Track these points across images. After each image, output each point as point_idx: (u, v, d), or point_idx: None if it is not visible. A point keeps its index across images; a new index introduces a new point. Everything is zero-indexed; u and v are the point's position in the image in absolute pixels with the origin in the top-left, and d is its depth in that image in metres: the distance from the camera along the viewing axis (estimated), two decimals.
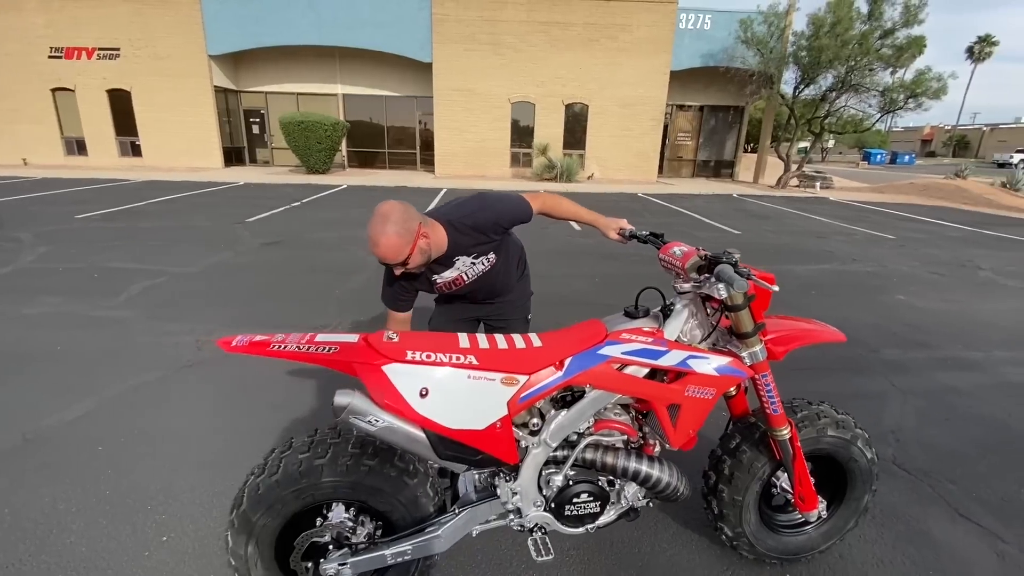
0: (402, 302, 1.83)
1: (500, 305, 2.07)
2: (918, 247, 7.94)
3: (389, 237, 1.47)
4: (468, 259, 1.77)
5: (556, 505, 1.49)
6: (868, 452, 1.69)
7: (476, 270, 1.82)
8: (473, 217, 1.70)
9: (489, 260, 1.82)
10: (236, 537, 1.35)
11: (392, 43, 16.09)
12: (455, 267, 1.77)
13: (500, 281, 1.94)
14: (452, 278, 1.80)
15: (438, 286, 1.82)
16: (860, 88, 14.52)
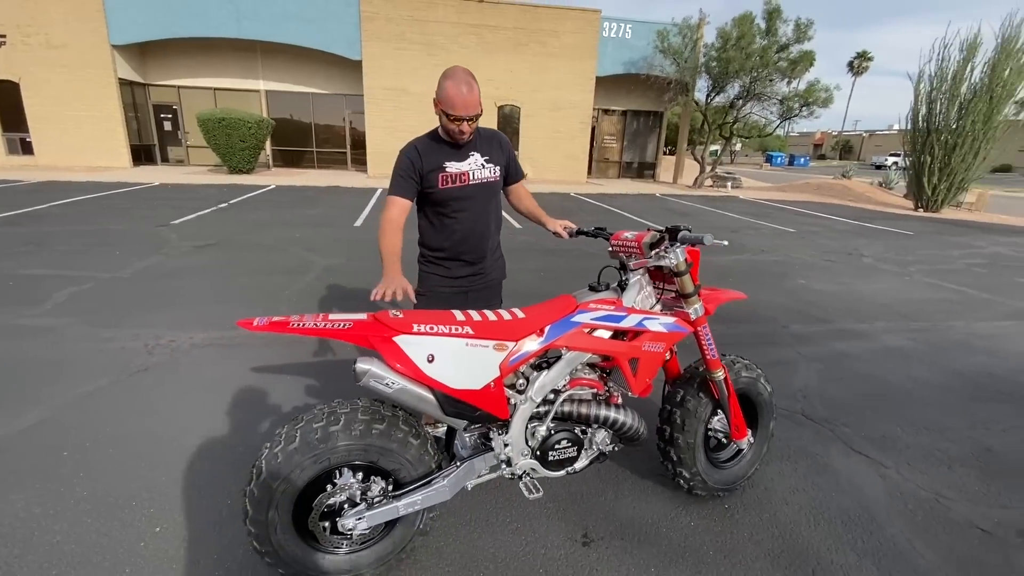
0: (410, 190, 1.94)
1: (484, 263, 2.14)
2: (814, 239, 9.01)
3: (475, 88, 1.78)
4: (481, 158, 1.98)
5: (541, 453, 1.74)
6: (768, 387, 2.18)
7: (482, 174, 1.98)
8: (494, 132, 2.07)
9: (494, 172, 2.01)
10: (256, 505, 1.47)
11: (318, 39, 15.62)
12: (468, 161, 1.95)
13: (491, 216, 2.09)
14: (460, 172, 1.94)
15: (443, 176, 1.92)
16: (762, 97, 16.06)
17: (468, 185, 1.97)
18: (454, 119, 1.79)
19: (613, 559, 1.84)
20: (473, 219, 2.03)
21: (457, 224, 2.02)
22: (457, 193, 1.97)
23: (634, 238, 1.82)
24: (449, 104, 1.76)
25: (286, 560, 1.53)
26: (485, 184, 2.01)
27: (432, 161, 1.91)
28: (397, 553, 1.68)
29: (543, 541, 1.91)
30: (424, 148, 1.92)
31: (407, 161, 1.91)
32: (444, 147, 1.93)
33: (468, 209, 2.01)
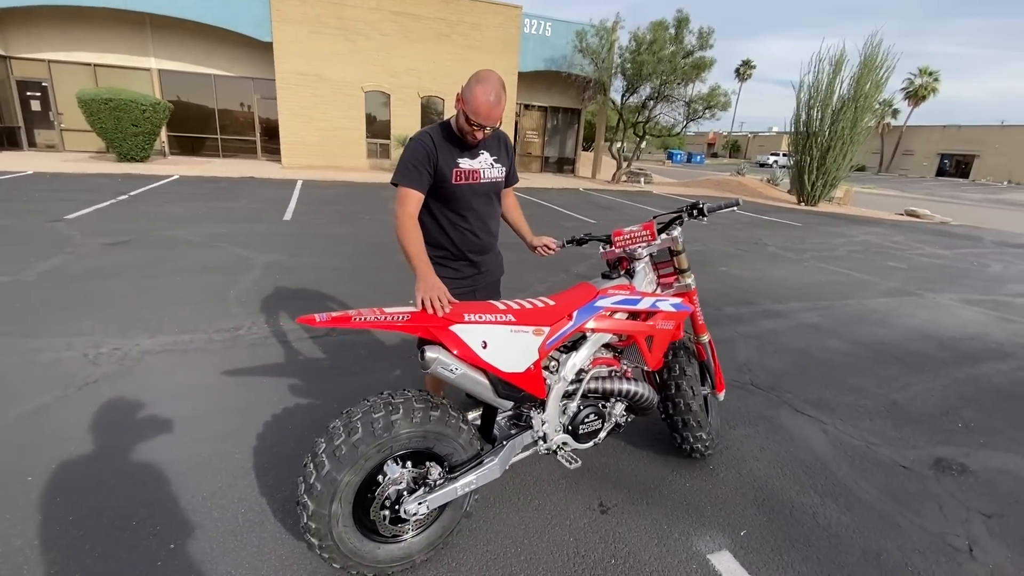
0: (424, 182, 1.88)
1: (487, 262, 2.16)
2: (724, 230, 9.97)
3: (502, 102, 1.76)
4: (490, 158, 1.98)
5: (572, 428, 1.90)
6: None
7: (491, 173, 1.99)
8: (501, 132, 2.04)
9: (501, 171, 2.02)
10: (319, 500, 1.47)
11: (220, 16, 14.34)
12: (479, 159, 1.95)
13: (498, 215, 2.13)
14: (471, 168, 1.93)
15: (456, 171, 1.90)
16: (670, 99, 17.29)
17: (480, 183, 1.96)
18: (475, 125, 1.77)
19: (630, 521, 2.05)
20: (483, 218, 2.03)
21: (466, 223, 2.00)
22: (469, 191, 1.95)
23: (642, 227, 2.03)
24: (474, 109, 1.73)
25: (345, 553, 1.55)
26: (494, 183, 2.01)
27: (447, 154, 1.87)
28: (446, 537, 1.75)
29: (565, 513, 2.07)
30: (439, 140, 1.87)
31: (422, 151, 1.84)
32: (456, 142, 1.90)
33: (479, 207, 1.99)
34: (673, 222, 2.10)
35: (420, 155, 1.84)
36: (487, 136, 1.85)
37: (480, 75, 1.74)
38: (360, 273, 5.27)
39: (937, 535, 2.10)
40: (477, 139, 1.83)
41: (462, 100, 1.77)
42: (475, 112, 1.73)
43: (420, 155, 1.84)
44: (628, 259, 2.15)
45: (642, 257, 2.12)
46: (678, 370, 2.26)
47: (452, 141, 1.89)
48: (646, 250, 2.10)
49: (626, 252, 2.14)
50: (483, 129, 1.78)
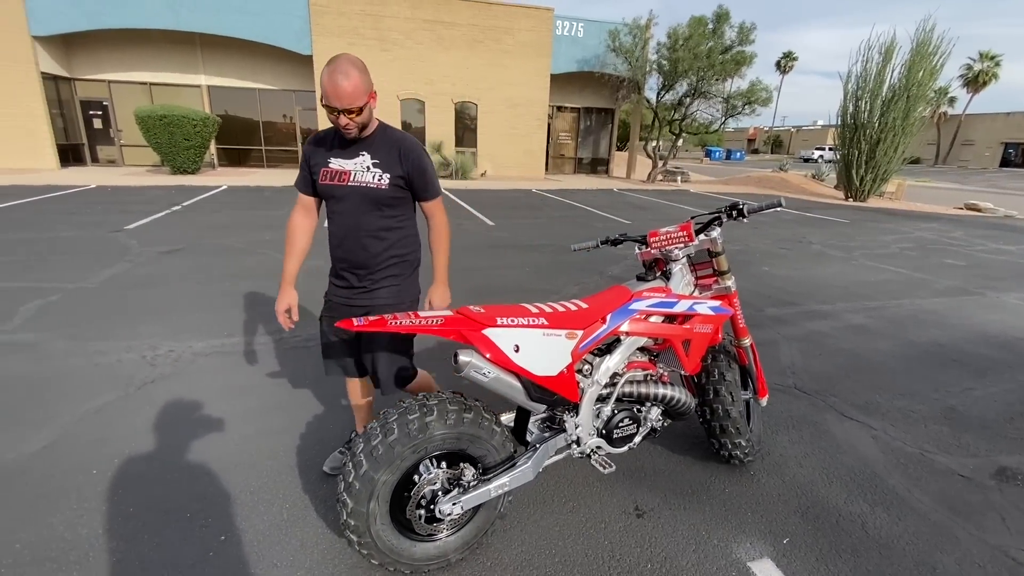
0: (307, 182, 1.86)
1: (370, 282, 1.91)
2: (766, 229, 9.65)
3: (353, 79, 1.59)
4: (370, 160, 1.78)
5: (606, 432, 1.88)
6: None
7: (365, 177, 1.78)
8: (405, 137, 1.84)
9: (379, 179, 1.78)
10: (357, 498, 1.52)
11: (265, 32, 14.99)
12: (354, 160, 1.78)
13: (370, 227, 1.84)
14: (342, 169, 1.78)
15: (323, 171, 1.80)
16: (708, 95, 16.89)
17: (343, 185, 1.79)
18: (329, 109, 1.65)
19: (667, 526, 2.01)
20: (346, 225, 1.85)
21: (333, 227, 1.89)
22: (330, 192, 1.82)
23: (679, 228, 1.99)
24: (324, 93, 1.62)
25: (382, 550, 1.59)
26: (364, 189, 1.78)
27: (321, 153, 1.82)
28: (480, 538, 1.77)
29: (600, 516, 2.06)
30: (321, 139, 1.84)
31: (303, 151, 1.89)
32: (338, 141, 1.80)
33: (341, 212, 1.84)
34: (712, 223, 2.06)
35: (303, 154, 1.89)
36: (356, 123, 1.68)
37: (332, 59, 1.62)
38: None
39: (999, 548, 1.97)
40: (349, 129, 1.68)
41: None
42: (325, 96, 1.62)
43: (303, 154, 1.89)
44: (664, 260, 2.12)
45: (679, 259, 2.08)
46: (717, 375, 2.21)
47: (335, 140, 1.80)
48: (683, 251, 2.06)
49: (662, 253, 2.10)
50: (341, 114, 1.63)
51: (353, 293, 1.94)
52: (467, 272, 5.67)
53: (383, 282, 1.93)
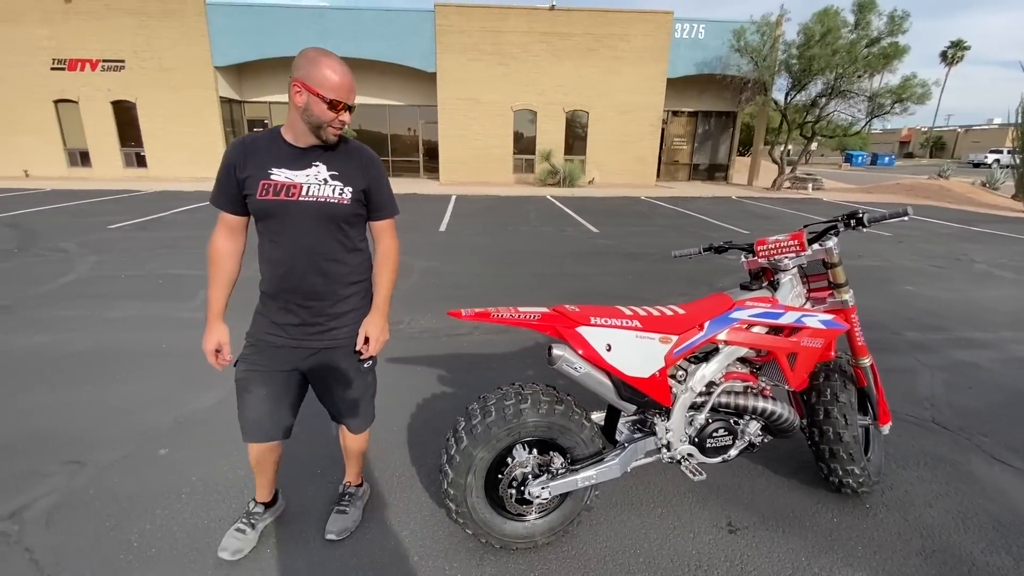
0: (232, 199, 1.53)
1: (326, 317, 1.64)
2: (914, 243, 8.48)
3: (349, 73, 1.45)
4: (326, 172, 1.53)
5: (699, 440, 1.87)
6: None
7: (322, 191, 1.51)
8: (362, 147, 1.63)
9: (340, 193, 1.53)
10: (457, 470, 1.69)
11: (396, 54, 16.46)
12: (306, 171, 1.51)
13: (329, 251, 1.58)
14: (290, 182, 1.49)
15: (264, 183, 1.48)
16: (848, 94, 15.23)
17: (294, 201, 1.49)
18: (334, 105, 1.43)
19: (762, 546, 1.93)
20: (297, 249, 1.54)
21: (276, 252, 1.55)
22: (275, 208, 1.49)
23: (790, 236, 1.92)
24: (334, 85, 1.40)
25: (476, 521, 1.75)
26: (321, 205, 1.51)
27: (258, 163, 1.48)
28: (566, 526, 1.86)
29: (689, 526, 2.04)
30: (253, 146, 1.51)
31: (226, 160, 1.50)
32: (282, 149, 1.51)
33: (289, 233, 1.52)
34: (827, 232, 1.94)
35: (223, 166, 1.51)
36: (333, 133, 1.49)
37: (311, 52, 1.43)
38: (499, 279, 5.65)
39: None
40: (339, 130, 1.50)
41: (306, 84, 1.41)
42: (336, 88, 1.41)
43: (223, 166, 1.51)
44: (773, 270, 2.04)
45: (788, 269, 1.99)
46: (829, 395, 2.06)
47: (278, 147, 1.51)
48: (793, 262, 1.97)
49: (770, 263, 2.03)
50: (347, 111, 1.47)
51: (306, 332, 1.62)
52: (567, 278, 5.77)
53: (345, 317, 1.66)
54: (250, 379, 1.65)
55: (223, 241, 1.59)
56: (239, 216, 1.57)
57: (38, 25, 15.83)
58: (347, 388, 1.74)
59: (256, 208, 1.51)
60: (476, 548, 1.88)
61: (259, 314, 1.67)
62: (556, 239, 8.14)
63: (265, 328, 1.65)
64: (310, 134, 1.48)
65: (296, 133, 1.50)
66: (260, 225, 1.55)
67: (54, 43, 16.02)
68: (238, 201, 1.53)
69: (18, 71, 16.08)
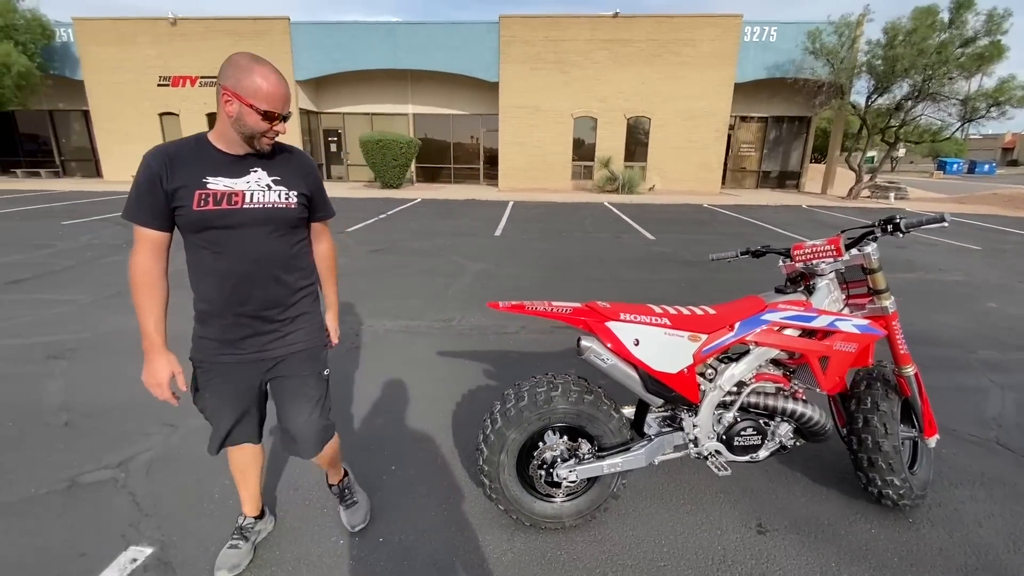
0: (158, 213, 1.39)
1: (283, 324, 1.57)
2: (1007, 258, 7.77)
3: (283, 81, 1.37)
4: (268, 178, 1.47)
5: (726, 438, 1.92)
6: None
7: (266, 198, 1.45)
8: (295, 149, 1.59)
9: (286, 198, 1.48)
10: (491, 448, 1.85)
11: (461, 65, 17.07)
12: (245, 178, 1.43)
13: (280, 257, 1.52)
14: (229, 190, 1.41)
15: (200, 194, 1.38)
16: (938, 97, 14.11)
17: (238, 210, 1.41)
18: (268, 115, 1.35)
19: (791, 549, 1.95)
20: (244, 259, 1.45)
21: (220, 264, 1.45)
22: (219, 220, 1.40)
23: (826, 242, 1.94)
24: (267, 94, 1.32)
25: (508, 498, 1.90)
26: (269, 211, 1.45)
27: (188, 172, 1.38)
28: (593, 511, 1.97)
29: (717, 524, 2.08)
30: (178, 154, 1.39)
31: (147, 171, 1.36)
32: (212, 155, 1.41)
33: (235, 243, 1.44)
34: (864, 237, 1.94)
35: (144, 178, 1.36)
36: (267, 141, 1.42)
37: (242, 59, 1.33)
38: (550, 283, 5.79)
39: None
40: (273, 140, 1.44)
41: (235, 92, 1.31)
42: (269, 97, 1.33)
43: (144, 178, 1.36)
44: (809, 275, 2.06)
45: (825, 273, 2.00)
46: (870, 403, 2.04)
47: (208, 154, 1.41)
48: (830, 267, 1.98)
49: (807, 267, 2.05)
50: (282, 121, 1.40)
51: (262, 343, 1.55)
52: (619, 283, 5.81)
53: (299, 321, 1.61)
54: (217, 406, 1.60)
55: (149, 261, 1.42)
56: (163, 232, 1.42)
57: (149, 46, 17.80)
58: (310, 394, 1.66)
59: (192, 220, 1.39)
60: (508, 524, 2.02)
61: (201, 338, 1.54)
62: (611, 245, 8.16)
63: (214, 350, 1.53)
64: (243, 143, 1.40)
65: (228, 141, 1.41)
66: (196, 238, 1.43)
67: (161, 62, 17.94)
68: (164, 215, 1.39)
69: (132, 87, 18.15)
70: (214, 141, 1.42)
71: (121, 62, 17.91)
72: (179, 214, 1.40)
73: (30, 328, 4.11)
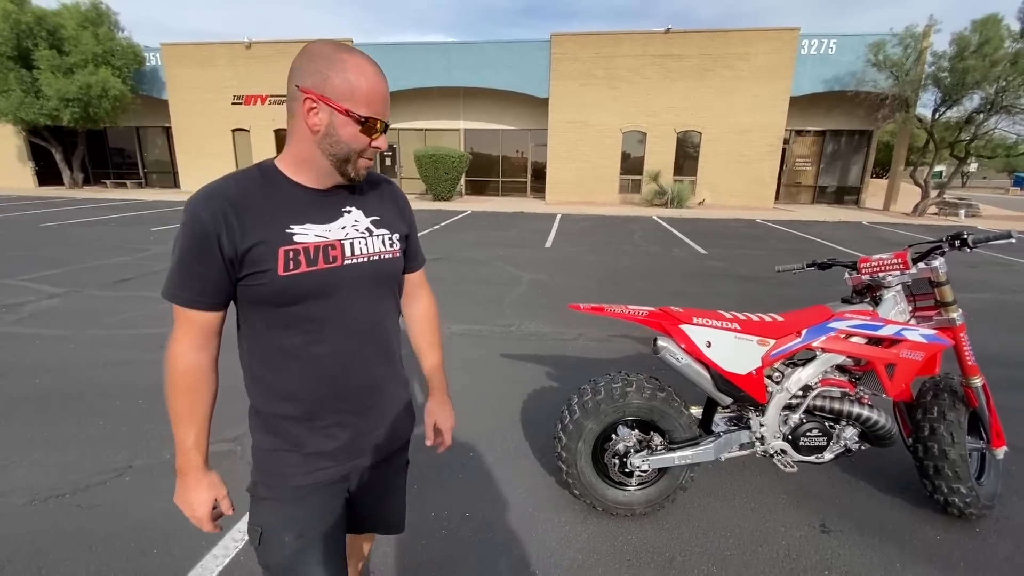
0: (212, 288, 0.97)
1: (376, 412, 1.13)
2: None
3: (382, 75, 0.96)
4: (364, 220, 1.06)
5: (792, 438, 2.04)
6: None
7: (372, 247, 1.05)
8: (380, 176, 1.18)
9: (390, 245, 1.09)
10: (570, 436, 2.04)
11: (513, 81, 17.56)
12: (340, 222, 1.02)
13: (389, 325, 1.12)
14: (324, 242, 0.99)
15: (286, 251, 0.95)
16: (1013, 109, 13.36)
17: (339, 268, 1.01)
18: (368, 125, 0.95)
19: (855, 549, 2.03)
20: (352, 334, 1.06)
21: (319, 347, 1.03)
22: (316, 286, 0.99)
23: (894, 255, 2.04)
24: (361, 96, 0.93)
25: (583, 483, 2.08)
26: (376, 265, 1.07)
27: (264, 222, 0.96)
28: (662, 501, 2.12)
29: (781, 521, 2.18)
30: (242, 196, 0.96)
31: (197, 229, 0.93)
32: (296, 195, 1.00)
33: (339, 317, 1.03)
34: (932, 252, 2.03)
35: (192, 239, 0.94)
36: (363, 164, 1.01)
37: (322, 48, 0.94)
38: (605, 294, 5.93)
39: None
40: (372, 161, 1.04)
41: (321, 95, 0.92)
42: (370, 98, 0.93)
43: (192, 239, 0.94)
44: (876, 287, 2.15)
45: (892, 285, 2.09)
46: (936, 412, 2.10)
47: (282, 193, 0.99)
48: (897, 279, 2.07)
49: (873, 280, 2.14)
50: (383, 133, 1.00)
51: (359, 446, 1.11)
52: (673, 296, 5.88)
53: (394, 408, 1.17)
54: (307, 556, 1.06)
55: (194, 353, 1.00)
56: (217, 312, 1.00)
57: (225, 68, 19.29)
58: (400, 484, 1.30)
59: (277, 291, 0.96)
60: (582, 508, 2.20)
61: (280, 451, 1.06)
62: (662, 259, 8.22)
63: (303, 467, 1.06)
64: (333, 170, 0.99)
65: (315, 170, 0.99)
66: (275, 315, 0.99)
67: (235, 82, 19.39)
68: (222, 288, 0.97)
69: (210, 106, 19.68)
70: (288, 172, 0.99)
71: (201, 83, 19.48)
72: (253, 283, 0.95)
73: (140, 321, 4.64)
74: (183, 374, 1.00)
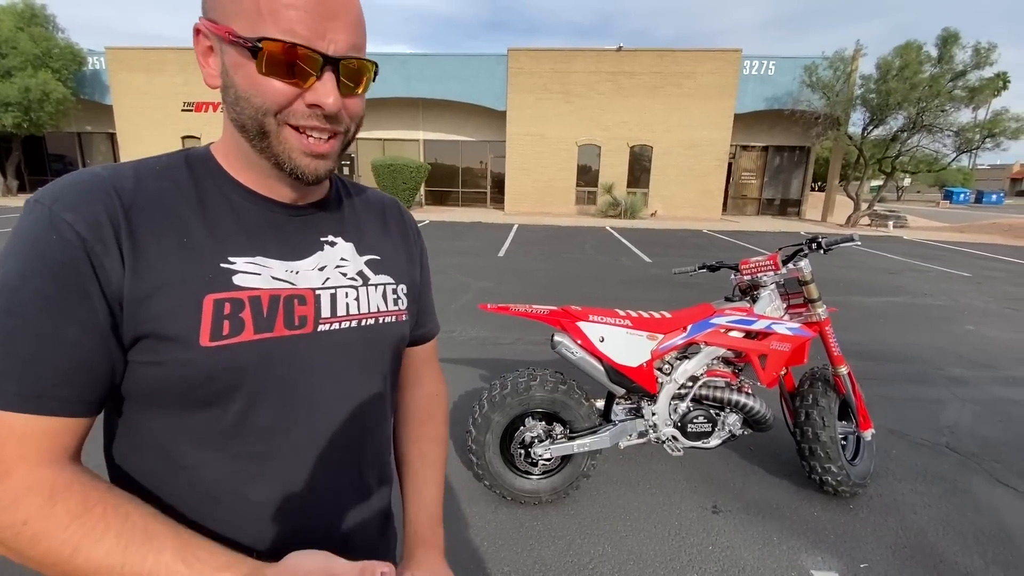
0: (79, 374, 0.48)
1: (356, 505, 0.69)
2: (996, 284, 8.00)
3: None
4: (357, 258, 0.66)
5: (681, 425, 2.22)
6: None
7: (361, 304, 0.64)
8: (383, 195, 0.81)
9: (398, 302, 0.70)
10: (479, 429, 2.16)
11: (471, 94, 17.80)
12: (315, 258, 0.62)
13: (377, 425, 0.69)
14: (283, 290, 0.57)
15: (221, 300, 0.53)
16: (933, 128, 14.53)
17: (309, 335, 0.59)
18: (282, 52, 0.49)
19: (739, 526, 2.22)
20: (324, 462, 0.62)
21: (259, 487, 0.58)
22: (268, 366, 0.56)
23: (767, 257, 2.27)
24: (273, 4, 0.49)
25: (492, 473, 2.19)
26: (371, 333, 0.65)
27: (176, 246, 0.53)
28: (566, 488, 2.26)
29: (677, 504, 2.36)
30: (148, 200, 0.53)
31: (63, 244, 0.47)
32: (230, 203, 0.58)
33: (306, 426, 0.60)
34: (796, 254, 2.27)
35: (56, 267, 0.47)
36: (348, 116, 0.57)
37: None
38: (549, 300, 6.07)
39: None
40: (333, 137, 0.57)
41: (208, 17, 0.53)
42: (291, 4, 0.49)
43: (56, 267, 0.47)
44: (755, 287, 2.38)
45: (767, 285, 2.32)
46: (811, 400, 2.34)
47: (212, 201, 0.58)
48: (771, 279, 2.30)
49: (753, 280, 2.37)
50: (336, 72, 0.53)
51: None
52: (615, 302, 6.11)
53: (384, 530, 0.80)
54: None
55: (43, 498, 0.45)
56: (84, 419, 0.50)
57: (175, 74, 18.72)
58: None
59: (199, 374, 0.52)
60: (492, 499, 2.31)
61: None
62: (610, 267, 8.50)
63: None
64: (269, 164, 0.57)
65: (256, 166, 0.59)
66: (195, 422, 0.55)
67: (187, 88, 18.83)
68: (104, 373, 0.50)
69: (158, 112, 19.03)
70: (231, 170, 0.60)
71: (148, 88, 18.84)
72: (147, 360, 0.52)
73: None
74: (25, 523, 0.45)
